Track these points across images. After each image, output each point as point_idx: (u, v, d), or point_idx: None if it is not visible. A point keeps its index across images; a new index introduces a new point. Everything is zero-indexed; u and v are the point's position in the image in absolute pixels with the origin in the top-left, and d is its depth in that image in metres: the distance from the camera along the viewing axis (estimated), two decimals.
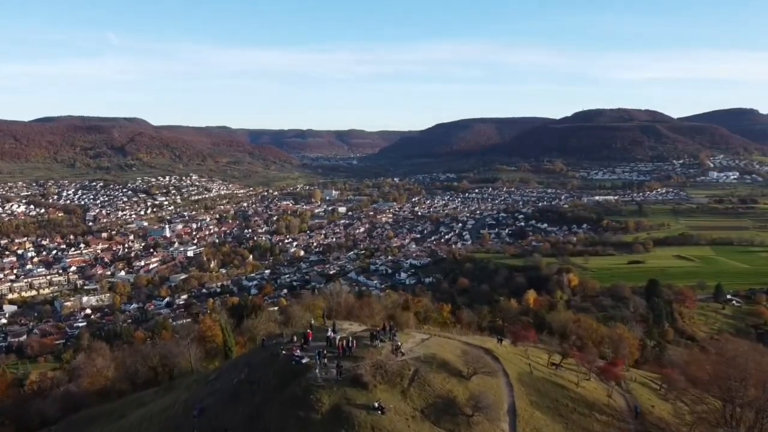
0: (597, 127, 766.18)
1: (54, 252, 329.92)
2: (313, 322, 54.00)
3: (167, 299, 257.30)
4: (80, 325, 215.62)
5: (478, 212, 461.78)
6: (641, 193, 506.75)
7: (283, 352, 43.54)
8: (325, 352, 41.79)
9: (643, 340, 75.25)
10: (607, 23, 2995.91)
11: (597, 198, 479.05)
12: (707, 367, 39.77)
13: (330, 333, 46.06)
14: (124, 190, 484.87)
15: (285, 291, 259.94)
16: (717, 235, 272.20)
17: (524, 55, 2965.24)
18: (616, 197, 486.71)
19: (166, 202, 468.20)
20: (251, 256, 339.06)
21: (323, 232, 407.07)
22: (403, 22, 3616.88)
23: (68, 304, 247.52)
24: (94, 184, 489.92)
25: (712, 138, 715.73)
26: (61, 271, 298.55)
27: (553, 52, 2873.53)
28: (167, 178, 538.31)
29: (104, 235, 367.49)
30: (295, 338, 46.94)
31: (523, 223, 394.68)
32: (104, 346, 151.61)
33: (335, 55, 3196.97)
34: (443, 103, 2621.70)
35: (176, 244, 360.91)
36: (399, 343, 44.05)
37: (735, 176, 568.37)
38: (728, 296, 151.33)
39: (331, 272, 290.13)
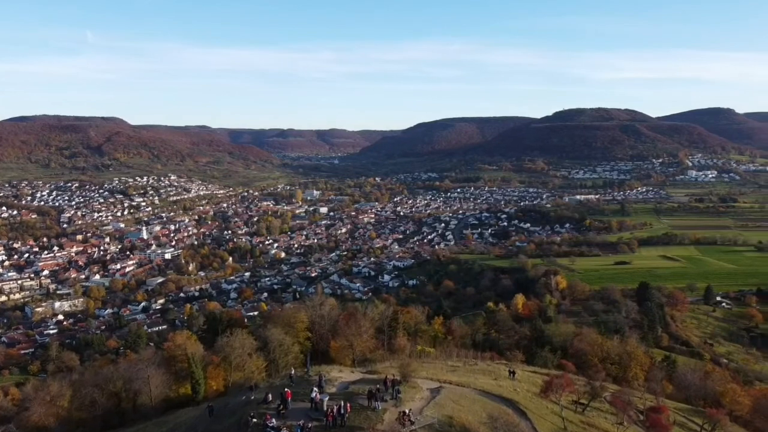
0: (578, 127, 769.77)
1: (26, 255, 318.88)
2: (293, 372, 45.18)
3: (143, 304, 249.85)
4: (51, 332, 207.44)
5: (460, 212, 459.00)
6: (622, 192, 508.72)
7: (254, 420, 34.32)
8: (309, 426, 32.77)
9: (653, 357, 71.09)
10: (588, 24, 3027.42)
11: (579, 197, 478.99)
12: (746, 400, 35.64)
13: (315, 393, 36.68)
14: (101, 190, 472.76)
15: (265, 294, 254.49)
16: (700, 235, 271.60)
17: (505, 54, 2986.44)
18: (597, 196, 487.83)
19: (143, 203, 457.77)
20: (231, 259, 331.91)
21: (305, 233, 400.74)
22: (384, 22, 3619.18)
23: (39, 310, 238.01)
24: (70, 184, 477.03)
25: (690, 137, 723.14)
26: (32, 276, 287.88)
27: (534, 51, 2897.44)
28: (145, 178, 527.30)
29: (79, 237, 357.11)
30: (269, 396, 37.89)
31: (506, 223, 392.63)
32: (74, 356, 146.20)
33: (316, 54, 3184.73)
34: (425, 103, 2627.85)
35: (154, 247, 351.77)
36: (407, 410, 34.69)
37: (713, 175, 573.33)
38: (718, 298, 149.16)
39: (313, 275, 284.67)
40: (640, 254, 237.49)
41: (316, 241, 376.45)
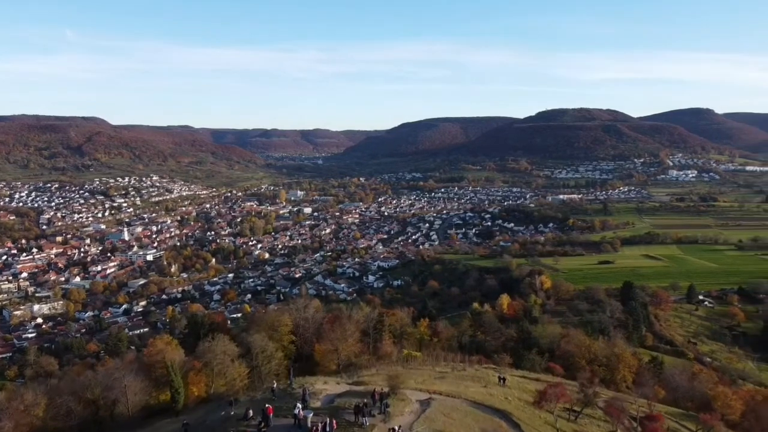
0: (560, 127, 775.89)
1: (4, 257, 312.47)
2: (275, 385, 42.95)
3: (125, 306, 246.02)
4: (30, 336, 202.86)
5: (444, 212, 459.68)
6: (604, 192, 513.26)
7: None
8: None
9: (640, 359, 70.95)
10: (570, 24, 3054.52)
11: (562, 197, 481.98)
12: (738, 404, 35.33)
13: (298, 409, 34.60)
14: (81, 191, 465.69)
15: (249, 296, 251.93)
16: (682, 234, 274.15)
17: (489, 55, 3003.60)
18: (580, 196, 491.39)
19: (125, 204, 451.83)
20: (214, 260, 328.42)
21: (288, 233, 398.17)
22: (369, 22, 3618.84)
23: (18, 313, 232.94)
24: (49, 185, 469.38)
25: (671, 137, 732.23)
26: (11, 278, 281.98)
27: (517, 52, 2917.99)
28: (126, 179, 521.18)
29: (59, 239, 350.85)
30: (250, 412, 35.98)
31: (489, 223, 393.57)
32: (53, 361, 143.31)
33: (299, 54, 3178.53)
34: (409, 103, 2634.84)
35: (135, 248, 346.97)
36: (396, 427, 32.87)
37: (693, 175, 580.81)
38: (700, 297, 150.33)
39: (297, 275, 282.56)
40: (623, 253, 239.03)
41: (300, 241, 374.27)
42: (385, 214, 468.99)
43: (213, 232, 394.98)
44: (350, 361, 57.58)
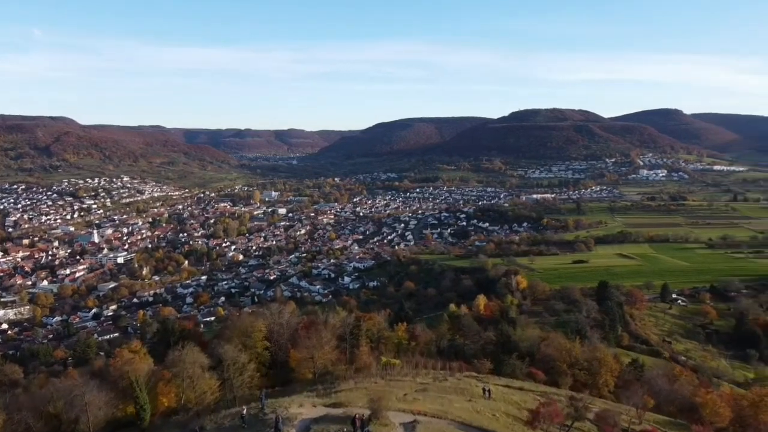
0: (533, 127, 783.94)
1: None
2: (245, 411, 39.68)
3: (94, 310, 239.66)
4: None
5: (419, 212, 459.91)
6: (577, 191, 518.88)
7: None
8: None
9: (622, 362, 70.47)
10: (543, 26, 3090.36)
11: (535, 196, 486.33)
12: (726, 412, 34.63)
13: None
14: (49, 193, 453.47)
15: (223, 299, 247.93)
16: (653, 233, 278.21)
17: (463, 55, 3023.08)
18: (553, 195, 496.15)
19: (94, 206, 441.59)
20: (187, 262, 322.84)
21: (263, 234, 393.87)
22: (342, 22, 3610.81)
23: None
24: (15, 187, 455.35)
25: (641, 137, 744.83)
26: None
27: (490, 53, 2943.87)
28: (96, 179, 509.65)
29: (25, 241, 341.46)
30: None
31: (465, 223, 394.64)
32: (17, 369, 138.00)
33: (273, 54, 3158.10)
34: (384, 103, 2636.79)
35: (105, 251, 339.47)
36: None
37: (663, 174, 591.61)
38: (673, 295, 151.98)
39: (272, 277, 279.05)
40: (597, 253, 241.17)
41: (274, 242, 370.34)
42: (361, 214, 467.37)
43: (186, 234, 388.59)
44: (327, 370, 55.93)
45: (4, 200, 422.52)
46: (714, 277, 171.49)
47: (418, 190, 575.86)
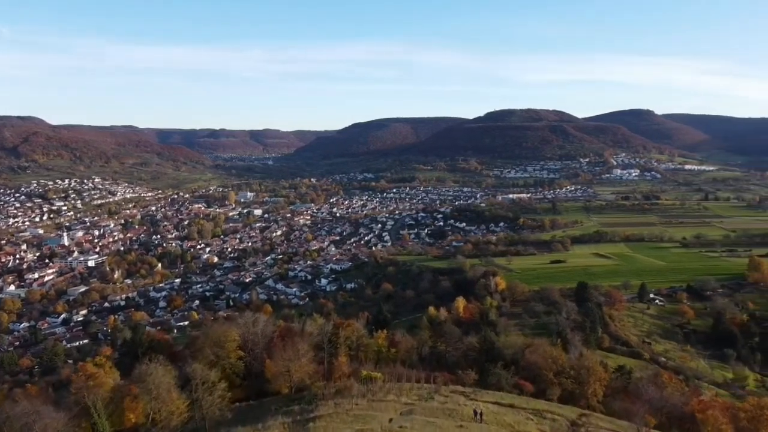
0: (508, 127, 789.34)
1: None
2: None
3: (63, 316, 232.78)
4: None
5: (396, 212, 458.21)
6: (552, 191, 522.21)
7: None
8: None
9: (609, 369, 68.72)
10: (516, 27, 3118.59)
11: (512, 196, 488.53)
12: (729, 429, 32.99)
13: None
14: (17, 194, 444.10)
15: (197, 302, 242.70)
16: (629, 232, 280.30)
17: (438, 56, 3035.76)
18: (529, 195, 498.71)
19: (64, 208, 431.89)
20: (160, 265, 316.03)
21: (238, 236, 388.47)
22: (317, 22, 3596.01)
23: None
24: None
25: (614, 137, 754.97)
26: None
27: (466, 53, 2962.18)
28: (66, 181, 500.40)
29: None
30: None
31: (442, 223, 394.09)
32: None
33: (249, 53, 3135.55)
34: (360, 103, 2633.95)
35: (76, 254, 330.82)
36: None
37: (636, 174, 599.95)
38: (651, 295, 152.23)
39: (247, 280, 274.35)
40: (574, 252, 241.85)
41: (250, 244, 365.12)
42: (337, 215, 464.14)
43: (159, 236, 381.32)
44: (304, 383, 53.22)
45: None
46: (690, 277, 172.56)
47: (394, 190, 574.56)
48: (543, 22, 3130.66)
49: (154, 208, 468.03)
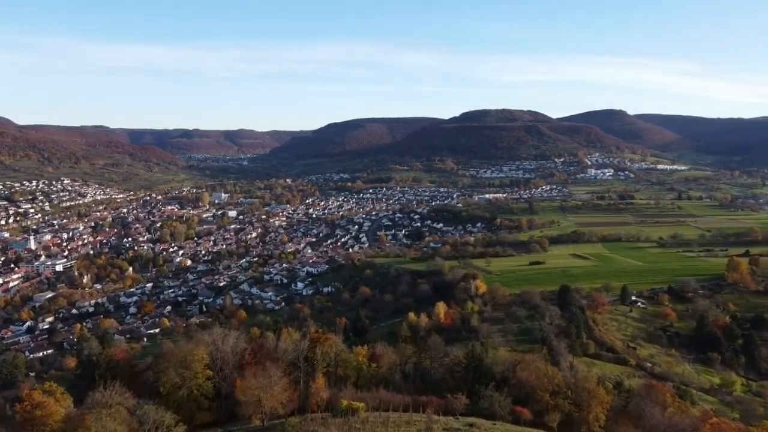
0: (484, 127, 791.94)
1: None
2: None
3: (28, 323, 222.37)
4: None
5: (373, 213, 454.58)
6: (528, 191, 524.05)
7: None
8: None
9: (610, 390, 64.91)
10: (490, 28, 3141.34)
11: (488, 196, 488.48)
12: None
13: None
14: None
15: (169, 308, 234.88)
16: (606, 232, 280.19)
17: (414, 56, 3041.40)
18: (505, 195, 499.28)
19: (32, 210, 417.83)
20: (131, 269, 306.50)
21: (212, 238, 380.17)
22: (291, 21, 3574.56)
23: None
24: None
25: (588, 137, 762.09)
26: None
27: (441, 54, 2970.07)
28: (34, 182, 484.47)
29: None
30: None
31: (419, 224, 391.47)
32: None
33: (222, 52, 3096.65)
34: (335, 103, 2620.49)
35: (43, 258, 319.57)
36: None
37: (610, 173, 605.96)
38: (633, 297, 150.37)
39: (221, 284, 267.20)
40: (552, 253, 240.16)
41: (224, 246, 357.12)
42: (313, 216, 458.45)
43: (130, 239, 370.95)
44: (277, 414, 48.54)
45: None
46: (669, 278, 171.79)
47: (371, 190, 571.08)
48: (516, 23, 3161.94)
49: (125, 210, 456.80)
